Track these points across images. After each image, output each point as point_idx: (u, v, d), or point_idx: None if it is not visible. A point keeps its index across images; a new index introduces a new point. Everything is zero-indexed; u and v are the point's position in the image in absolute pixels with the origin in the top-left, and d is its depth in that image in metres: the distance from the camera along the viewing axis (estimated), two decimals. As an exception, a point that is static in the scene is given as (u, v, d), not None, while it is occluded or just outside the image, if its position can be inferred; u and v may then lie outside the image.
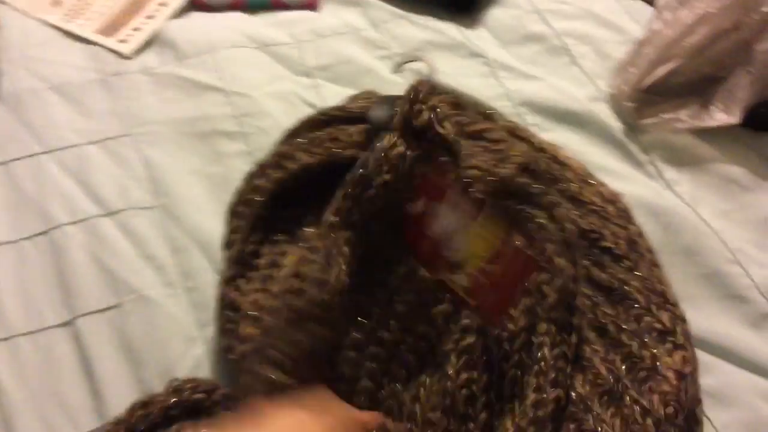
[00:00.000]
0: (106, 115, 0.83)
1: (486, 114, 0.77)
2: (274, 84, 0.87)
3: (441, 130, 0.59)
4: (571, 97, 0.84)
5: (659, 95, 0.82)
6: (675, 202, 0.75)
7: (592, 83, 0.87)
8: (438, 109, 0.61)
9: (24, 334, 0.65)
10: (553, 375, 0.54)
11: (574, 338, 0.57)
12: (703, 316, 0.66)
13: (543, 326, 0.56)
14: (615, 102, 0.84)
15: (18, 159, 0.78)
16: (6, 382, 0.62)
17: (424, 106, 0.61)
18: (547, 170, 0.70)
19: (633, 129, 0.81)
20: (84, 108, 0.84)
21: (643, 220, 0.70)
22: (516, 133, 0.76)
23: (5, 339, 0.65)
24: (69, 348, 0.64)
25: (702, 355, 0.64)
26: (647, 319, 0.59)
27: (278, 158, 0.69)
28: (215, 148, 0.80)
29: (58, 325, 0.66)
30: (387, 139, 0.61)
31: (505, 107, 0.84)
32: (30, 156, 0.78)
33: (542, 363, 0.55)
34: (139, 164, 0.78)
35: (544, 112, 0.83)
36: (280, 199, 0.67)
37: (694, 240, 0.71)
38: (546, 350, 0.55)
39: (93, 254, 0.70)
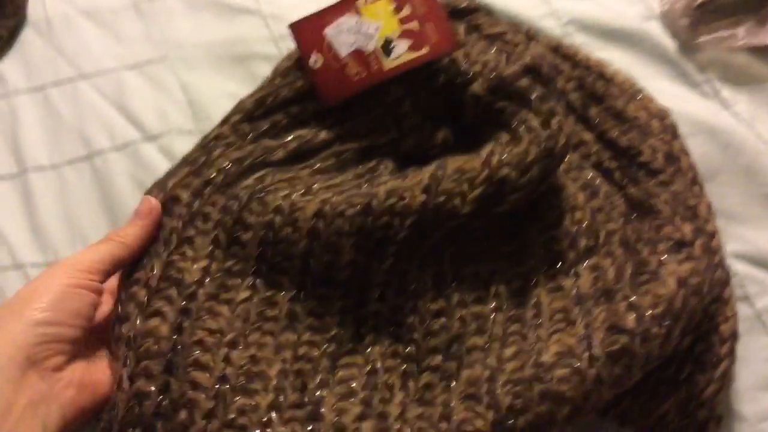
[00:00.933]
0: (140, 40, 0.81)
1: (528, 33, 0.75)
2: (313, 4, 0.83)
3: None
4: (621, 15, 0.80)
5: (714, 12, 0.79)
6: (733, 122, 0.72)
7: (642, 1, 0.83)
8: None
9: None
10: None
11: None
12: (766, 237, 0.64)
13: None
14: (668, 19, 0.80)
15: (54, 84, 0.76)
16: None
17: None
18: (590, 89, 0.68)
19: (687, 47, 0.78)
20: (117, 33, 0.82)
21: (700, 140, 0.68)
22: (560, 51, 0.74)
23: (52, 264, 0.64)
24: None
25: (767, 276, 0.62)
26: (667, 229, 0.57)
27: None
28: (253, 71, 0.77)
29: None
30: None
31: (551, 27, 0.80)
32: (66, 81, 0.76)
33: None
34: (176, 88, 0.76)
35: (592, 30, 0.80)
36: None
37: (753, 160, 0.68)
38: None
39: (136, 178, 0.69)
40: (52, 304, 0.48)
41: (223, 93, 0.75)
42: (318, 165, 0.60)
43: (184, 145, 0.70)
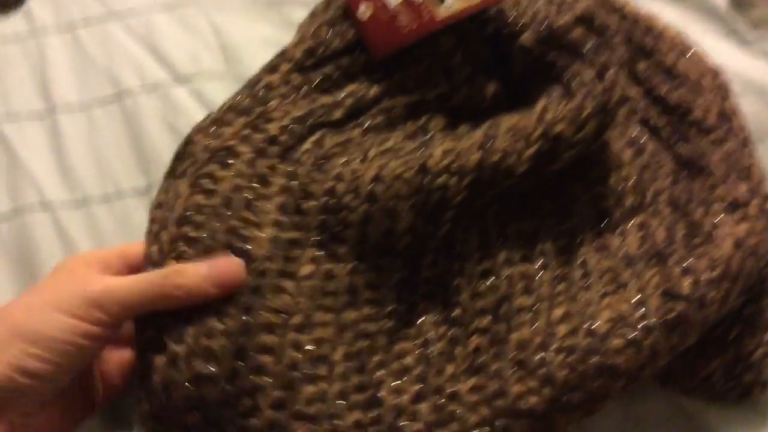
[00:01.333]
0: (171, -19, 0.79)
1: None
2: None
3: None
4: (670, -31, 0.78)
5: (769, -33, 0.76)
6: (785, 82, 0.69)
7: (692, -46, 0.80)
8: None
9: (100, 202, 0.63)
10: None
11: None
12: (818, 201, 0.62)
13: None
14: (719, -26, 0.78)
15: (83, 23, 0.74)
16: (84, 247, 0.60)
17: None
18: (639, 43, 0.66)
19: (739, 3, 0.75)
20: (148, -28, 0.80)
21: (750, 101, 0.65)
22: (608, 3, 0.71)
23: (80, 202, 0.63)
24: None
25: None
26: (721, 189, 0.55)
27: None
28: (287, 17, 0.75)
29: (135, 192, 0.64)
30: None
31: (597, -20, 0.78)
32: (95, 20, 0.74)
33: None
34: (208, 31, 0.74)
35: (640, -16, 0.77)
36: None
37: (807, 122, 0.66)
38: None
39: (166, 120, 0.67)
40: (40, 356, 0.41)
41: (256, 37, 0.74)
42: (368, 123, 0.57)
43: (216, 89, 0.69)
